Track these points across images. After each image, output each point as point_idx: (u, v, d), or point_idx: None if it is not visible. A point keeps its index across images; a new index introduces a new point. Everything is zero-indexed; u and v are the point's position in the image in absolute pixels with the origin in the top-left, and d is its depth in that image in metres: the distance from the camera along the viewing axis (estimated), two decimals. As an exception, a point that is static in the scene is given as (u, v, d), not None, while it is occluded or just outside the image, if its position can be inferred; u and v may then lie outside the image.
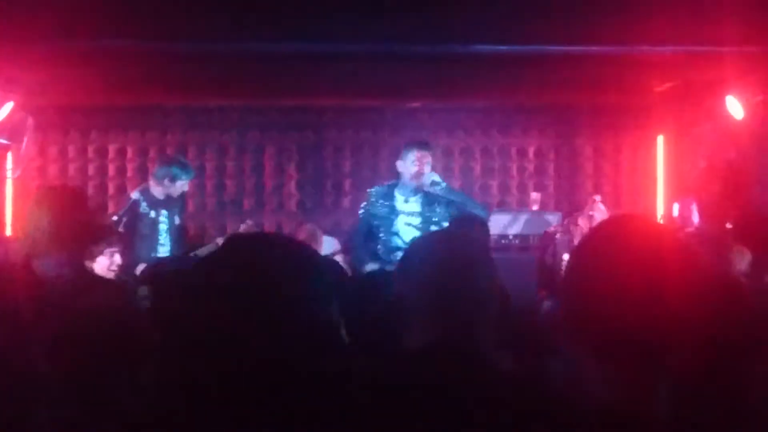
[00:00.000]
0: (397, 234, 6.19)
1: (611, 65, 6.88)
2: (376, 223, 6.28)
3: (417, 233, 6.03)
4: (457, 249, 2.06)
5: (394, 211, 6.26)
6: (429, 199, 6.19)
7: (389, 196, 6.30)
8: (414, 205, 6.25)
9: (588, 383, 1.67)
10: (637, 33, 5.84)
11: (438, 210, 6.18)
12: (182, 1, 5.16)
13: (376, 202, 6.32)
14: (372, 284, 3.37)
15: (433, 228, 6.03)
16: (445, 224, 6.11)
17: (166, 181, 7.12)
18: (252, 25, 5.67)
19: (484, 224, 6.02)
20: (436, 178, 6.13)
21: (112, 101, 9.10)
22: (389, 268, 5.69)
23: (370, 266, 5.95)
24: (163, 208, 7.16)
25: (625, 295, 1.58)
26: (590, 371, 1.66)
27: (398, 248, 5.99)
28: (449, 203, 6.19)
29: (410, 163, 6.16)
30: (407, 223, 6.21)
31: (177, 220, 7.39)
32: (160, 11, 5.32)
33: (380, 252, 6.21)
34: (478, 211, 6.25)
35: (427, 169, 6.14)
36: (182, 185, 7.24)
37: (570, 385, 1.70)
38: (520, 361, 2.48)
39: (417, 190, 6.21)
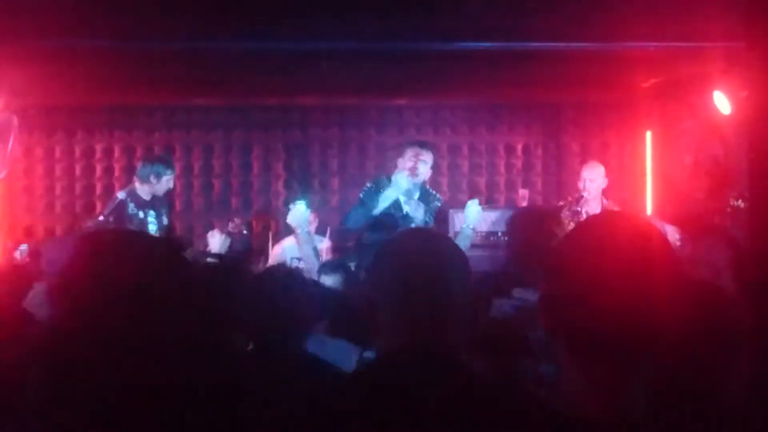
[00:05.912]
0: None
1: (597, 62, 6.87)
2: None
3: None
4: (430, 247, 1.97)
5: None
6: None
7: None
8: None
9: (565, 384, 1.65)
10: (623, 29, 5.82)
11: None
12: (166, 1, 5.13)
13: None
14: None
15: None
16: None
17: (151, 179, 7.11)
18: (235, 24, 5.65)
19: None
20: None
21: (98, 101, 9.06)
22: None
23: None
24: (150, 208, 7.14)
25: (608, 292, 1.56)
26: (568, 371, 1.64)
27: None
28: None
29: (407, 159, 6.14)
30: None
31: (165, 221, 7.37)
32: (145, 11, 5.29)
33: None
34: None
35: (422, 168, 6.14)
36: (168, 181, 7.23)
37: (544, 387, 1.68)
38: (495, 362, 2.44)
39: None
